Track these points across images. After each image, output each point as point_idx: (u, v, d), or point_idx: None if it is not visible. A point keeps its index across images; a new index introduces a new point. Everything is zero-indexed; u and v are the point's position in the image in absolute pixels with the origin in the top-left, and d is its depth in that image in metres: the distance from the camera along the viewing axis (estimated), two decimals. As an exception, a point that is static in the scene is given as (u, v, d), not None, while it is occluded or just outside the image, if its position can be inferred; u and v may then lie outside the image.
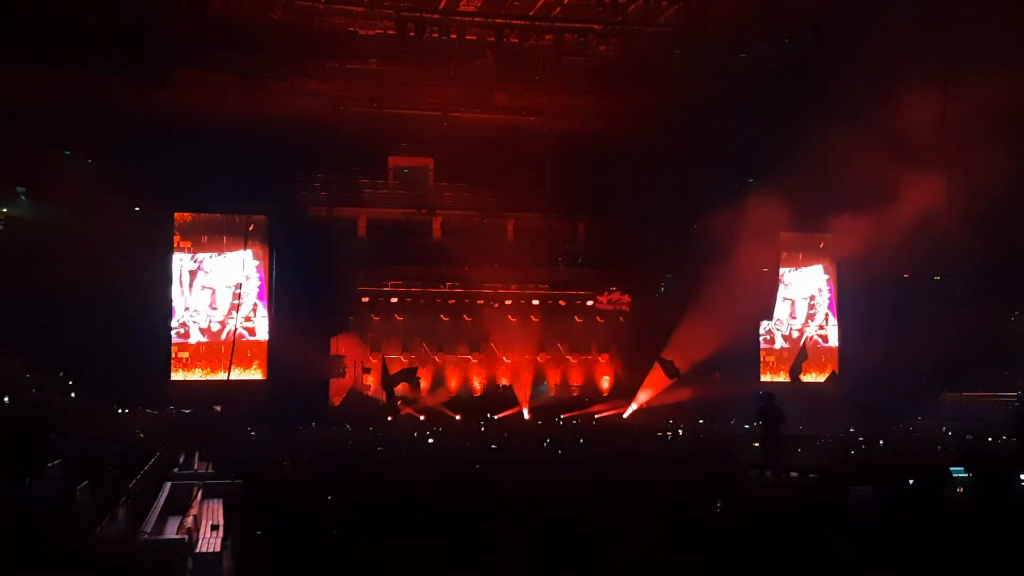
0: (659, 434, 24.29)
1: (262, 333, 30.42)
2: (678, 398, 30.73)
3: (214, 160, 27.70)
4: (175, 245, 29.93)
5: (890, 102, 25.78)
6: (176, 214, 30.21)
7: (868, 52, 27.01)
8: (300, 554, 9.51)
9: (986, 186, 24.63)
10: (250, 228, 30.00)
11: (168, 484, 16.63)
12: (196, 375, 29.70)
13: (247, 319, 30.22)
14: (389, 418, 29.81)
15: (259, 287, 30.64)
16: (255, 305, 30.55)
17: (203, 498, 15.26)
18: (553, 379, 34.44)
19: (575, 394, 34.03)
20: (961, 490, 13.49)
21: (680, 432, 24.87)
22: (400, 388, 32.11)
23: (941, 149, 24.75)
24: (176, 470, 19.14)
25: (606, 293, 33.70)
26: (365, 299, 32.75)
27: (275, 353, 30.00)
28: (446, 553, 9.15)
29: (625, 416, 31.52)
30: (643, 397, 31.81)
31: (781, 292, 33.98)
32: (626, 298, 33.97)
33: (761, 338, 33.63)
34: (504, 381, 33.94)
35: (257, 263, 30.49)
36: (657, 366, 30.64)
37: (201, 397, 27.26)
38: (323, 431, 24.58)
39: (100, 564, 8.98)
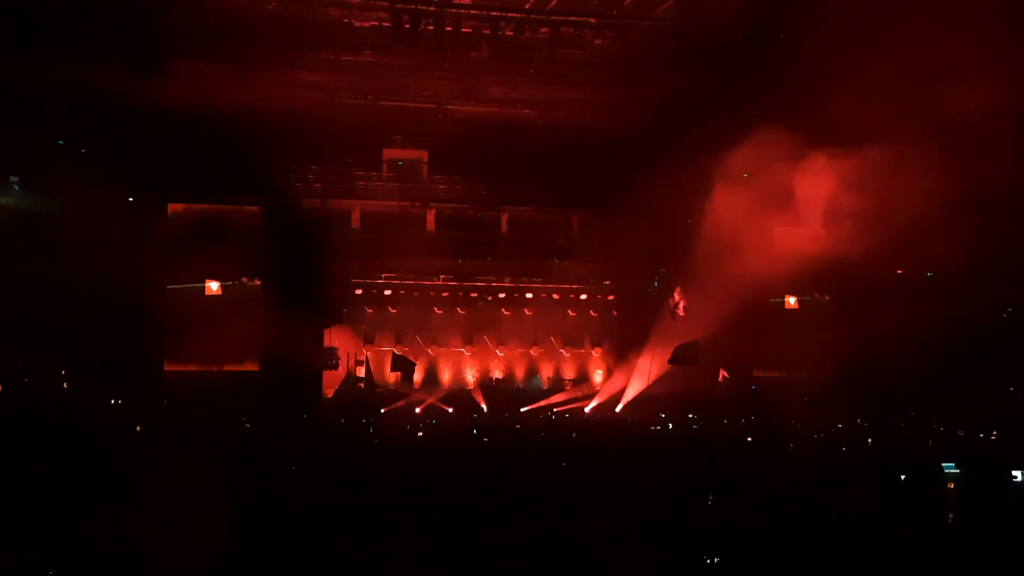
0: (652, 428, 24.37)
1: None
2: (666, 391, 30.76)
3: (207, 151, 27.62)
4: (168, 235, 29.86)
5: (887, 98, 25.77)
6: (169, 204, 30.13)
7: (864, 48, 27.00)
8: (291, 548, 9.51)
9: (982, 181, 24.64)
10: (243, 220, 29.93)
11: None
12: (190, 366, 29.62)
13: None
14: (383, 410, 29.88)
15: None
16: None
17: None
18: (546, 373, 34.51)
19: (567, 388, 34.08)
20: (952, 485, 13.52)
21: (671, 426, 24.96)
22: (392, 378, 32.24)
23: (936, 144, 24.74)
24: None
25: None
26: (358, 291, 32.75)
27: (268, 345, 29.94)
28: (437, 550, 9.15)
29: (618, 410, 31.57)
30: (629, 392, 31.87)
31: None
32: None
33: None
34: (497, 374, 34.01)
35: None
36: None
37: (195, 388, 27.21)
38: (316, 423, 24.61)
39: (92, 556, 8.98)
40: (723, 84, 29.63)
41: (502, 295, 33.98)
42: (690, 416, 28.14)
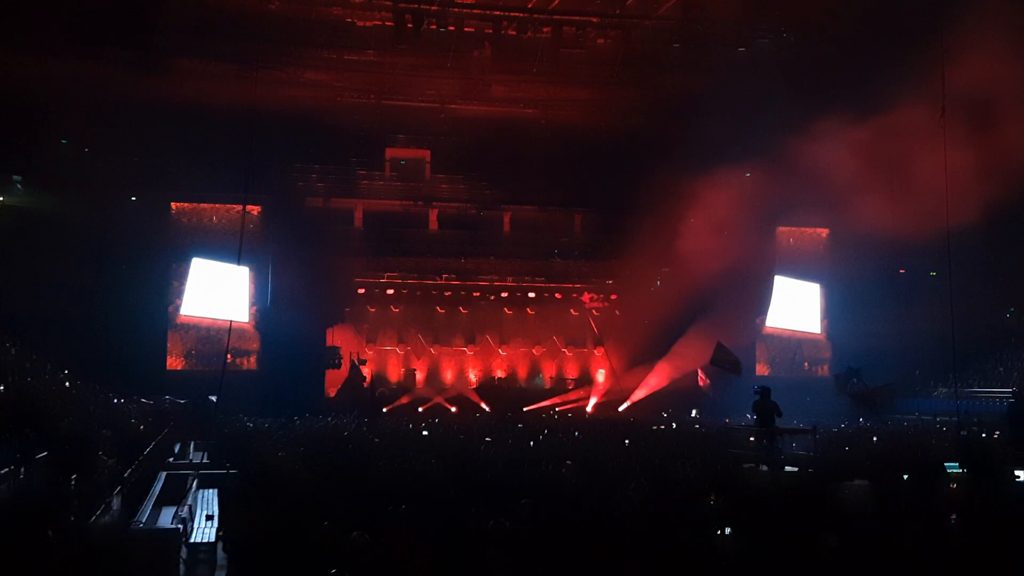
0: (653, 428, 24.30)
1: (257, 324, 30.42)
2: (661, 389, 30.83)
3: (211, 150, 27.65)
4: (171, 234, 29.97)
5: (886, 94, 25.73)
6: (173, 204, 30.19)
7: (864, 43, 27.00)
8: (293, 544, 9.50)
9: (984, 179, 24.58)
10: (246, 220, 29.94)
11: (163, 474, 16.65)
12: (192, 365, 29.69)
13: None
14: (384, 409, 29.87)
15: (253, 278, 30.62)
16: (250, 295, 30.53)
17: (198, 488, 15.26)
18: (548, 372, 34.51)
19: (570, 387, 34.08)
20: (955, 485, 13.48)
21: (674, 425, 24.90)
22: (394, 378, 32.34)
23: (938, 140, 24.68)
24: (171, 460, 19.14)
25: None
26: (361, 290, 32.76)
27: (270, 343, 29.97)
28: (439, 546, 9.15)
29: (621, 409, 31.57)
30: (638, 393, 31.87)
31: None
32: (612, 296, 34.20)
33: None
34: (500, 373, 33.99)
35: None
36: None
37: (196, 387, 27.21)
38: (318, 421, 24.60)
39: (94, 553, 8.97)
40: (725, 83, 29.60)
41: (504, 294, 33.97)
42: (692, 415, 28.11)
